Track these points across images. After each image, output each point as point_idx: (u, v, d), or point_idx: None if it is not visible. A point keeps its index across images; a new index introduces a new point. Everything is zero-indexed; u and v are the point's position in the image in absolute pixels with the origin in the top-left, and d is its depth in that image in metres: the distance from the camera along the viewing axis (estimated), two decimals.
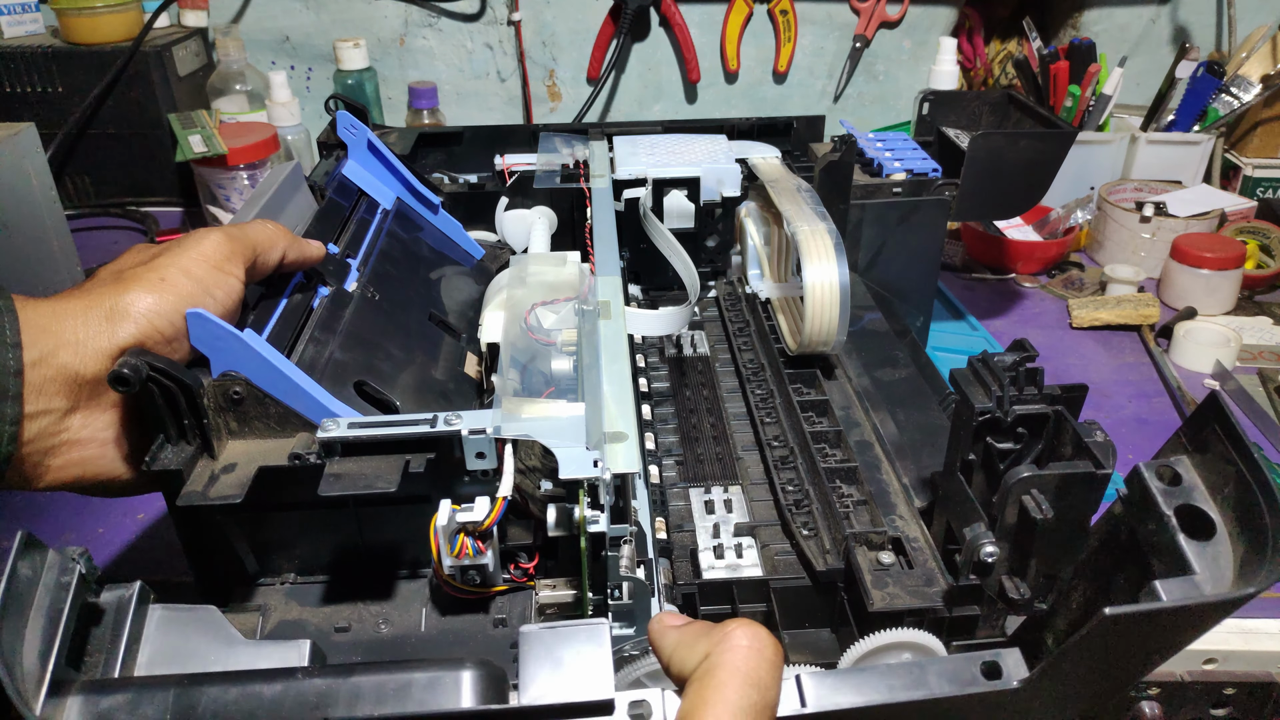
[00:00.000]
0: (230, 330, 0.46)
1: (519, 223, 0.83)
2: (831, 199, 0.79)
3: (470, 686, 0.33)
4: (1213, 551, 0.36)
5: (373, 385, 0.54)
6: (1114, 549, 0.41)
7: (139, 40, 1.21)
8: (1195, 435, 0.39)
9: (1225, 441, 0.37)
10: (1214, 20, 1.34)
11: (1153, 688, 0.61)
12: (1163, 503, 0.38)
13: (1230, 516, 0.36)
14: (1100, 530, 0.43)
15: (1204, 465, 0.38)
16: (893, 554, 0.50)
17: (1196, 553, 0.36)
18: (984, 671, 0.34)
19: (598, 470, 0.43)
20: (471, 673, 0.33)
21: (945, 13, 1.36)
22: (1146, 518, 0.38)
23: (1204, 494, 0.38)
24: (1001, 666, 0.34)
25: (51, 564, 0.34)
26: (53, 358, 0.42)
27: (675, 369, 0.74)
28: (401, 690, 0.33)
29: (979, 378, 0.45)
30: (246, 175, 1.12)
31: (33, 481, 0.44)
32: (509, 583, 0.49)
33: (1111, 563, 0.42)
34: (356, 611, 0.49)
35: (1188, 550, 0.36)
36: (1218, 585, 0.35)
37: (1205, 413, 0.38)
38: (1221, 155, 1.22)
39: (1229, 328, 0.96)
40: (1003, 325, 1.03)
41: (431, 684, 0.33)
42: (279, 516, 0.48)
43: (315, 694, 0.33)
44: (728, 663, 0.33)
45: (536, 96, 1.42)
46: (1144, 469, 0.39)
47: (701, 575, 0.53)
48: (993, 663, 0.34)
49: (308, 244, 0.55)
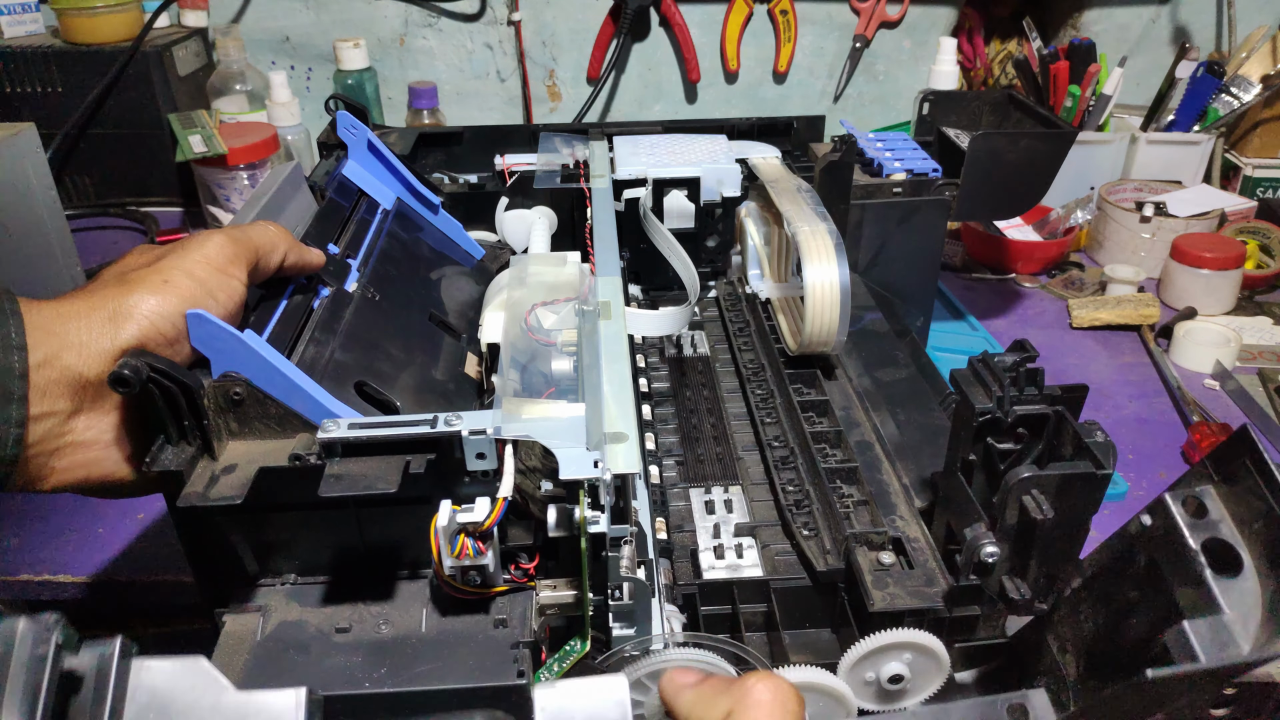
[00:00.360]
0: (230, 331, 0.46)
1: (519, 223, 0.83)
2: (831, 199, 0.79)
3: None
4: (1240, 589, 0.35)
5: (373, 386, 0.54)
6: (1130, 573, 0.41)
7: (139, 40, 1.21)
8: (1223, 466, 0.38)
9: (1256, 475, 0.36)
10: (1214, 20, 1.34)
11: None
12: (1189, 536, 0.37)
13: (1259, 552, 0.35)
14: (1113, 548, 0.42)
15: (1232, 498, 0.37)
16: (893, 554, 0.50)
17: (1224, 590, 0.35)
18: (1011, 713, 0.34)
19: (598, 471, 0.43)
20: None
21: (945, 13, 1.36)
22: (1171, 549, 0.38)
23: (1232, 528, 0.37)
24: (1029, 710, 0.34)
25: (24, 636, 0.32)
26: (57, 360, 0.42)
27: (675, 369, 0.74)
28: None
29: (980, 378, 0.45)
30: (246, 175, 1.12)
31: (37, 483, 0.44)
32: (509, 583, 0.49)
33: (1127, 586, 0.41)
34: (357, 612, 0.49)
35: (1215, 587, 0.35)
36: (1247, 625, 0.34)
37: (1237, 444, 0.37)
38: (1221, 155, 1.22)
39: (1229, 328, 0.96)
40: (1003, 325, 1.03)
41: None
42: (279, 517, 0.48)
43: None
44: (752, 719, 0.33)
45: (536, 96, 1.42)
46: (1170, 499, 0.38)
47: (702, 575, 0.53)
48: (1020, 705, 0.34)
49: (308, 250, 0.55)
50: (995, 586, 0.45)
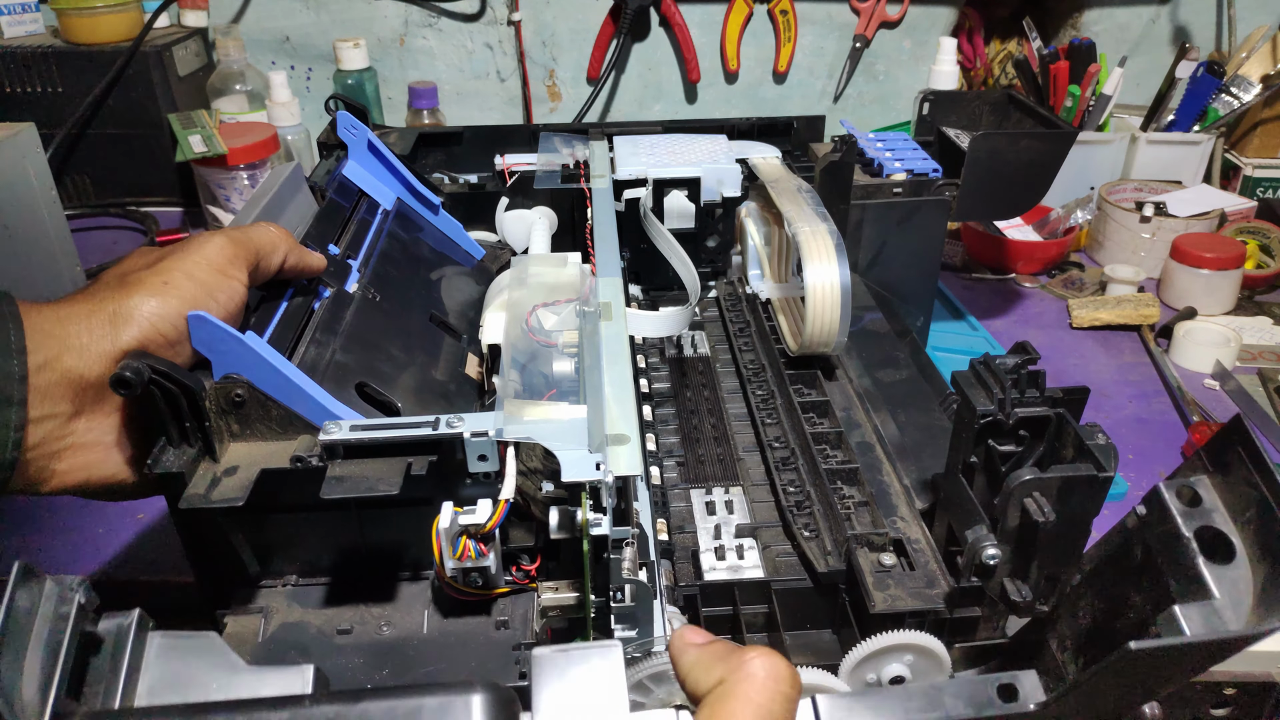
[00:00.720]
0: (231, 333, 0.46)
1: (519, 223, 0.83)
2: (832, 199, 0.79)
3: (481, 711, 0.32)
4: (1232, 576, 0.35)
5: (374, 387, 0.54)
6: (1127, 565, 0.41)
7: (139, 40, 1.21)
8: (1217, 456, 0.38)
9: (1249, 465, 0.36)
10: (1214, 20, 1.34)
11: None
12: (1182, 524, 0.37)
13: (1251, 540, 0.36)
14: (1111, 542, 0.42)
15: (1225, 487, 0.38)
16: (894, 555, 0.50)
17: (1216, 577, 0.35)
18: (1000, 694, 0.34)
19: (600, 473, 0.43)
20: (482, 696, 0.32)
21: (945, 13, 1.36)
22: (1165, 539, 0.38)
23: (1225, 516, 0.37)
24: (1018, 689, 0.34)
25: (49, 594, 0.34)
26: (57, 362, 0.42)
27: (676, 370, 0.74)
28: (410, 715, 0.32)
29: (981, 380, 0.45)
30: (246, 175, 1.12)
31: (38, 486, 0.44)
32: (511, 585, 0.49)
33: (1125, 579, 0.41)
34: (358, 613, 0.49)
35: (1207, 574, 0.35)
36: (1238, 610, 0.34)
37: (1229, 434, 0.37)
38: (1221, 155, 1.22)
39: (1229, 328, 0.96)
40: (1003, 325, 1.03)
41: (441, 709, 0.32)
42: (281, 519, 0.48)
43: None
44: (741, 693, 0.32)
45: (536, 96, 1.42)
46: (1164, 489, 0.39)
47: (703, 577, 0.53)
48: (1009, 685, 0.34)
49: (310, 253, 0.55)
50: (996, 588, 0.45)
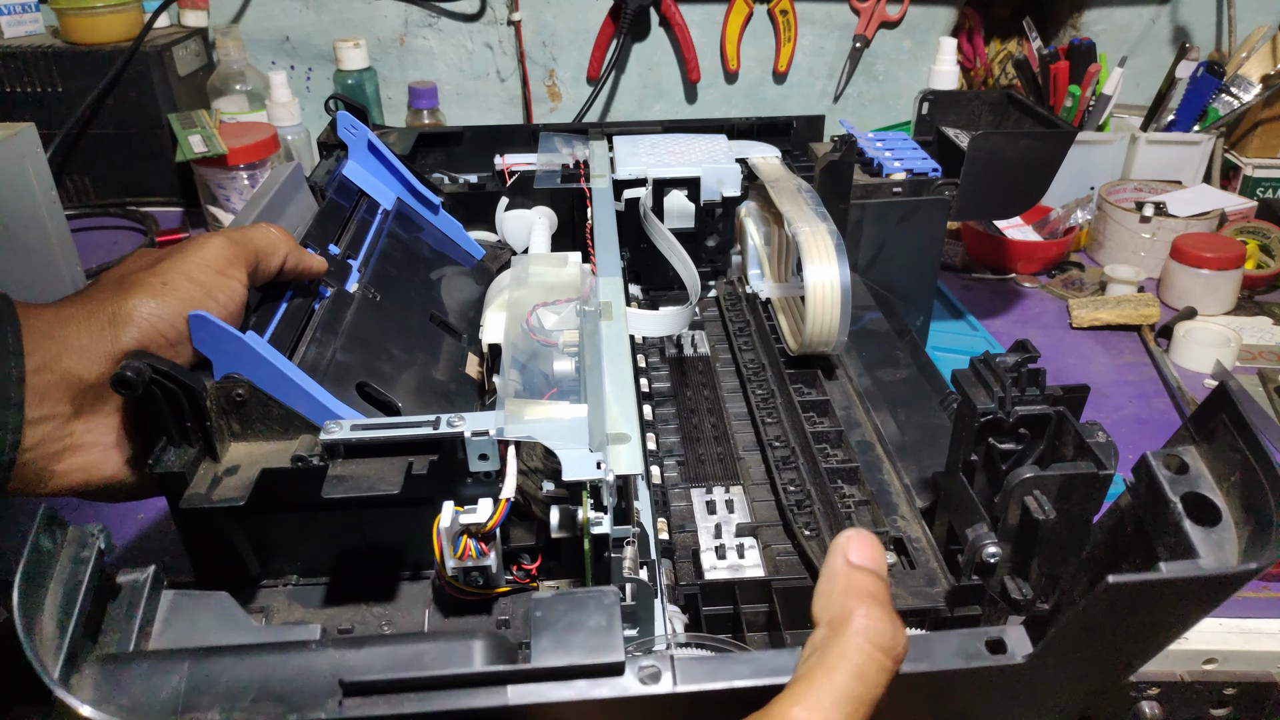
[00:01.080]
0: (232, 332, 0.46)
1: (519, 223, 0.83)
2: (831, 199, 0.79)
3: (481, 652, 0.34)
4: (1218, 537, 0.36)
5: (374, 386, 0.54)
6: (1119, 542, 0.41)
7: (139, 40, 1.21)
8: (1203, 425, 0.39)
9: (1233, 430, 0.37)
10: (1214, 20, 1.34)
11: (1153, 688, 0.61)
12: (1169, 490, 0.38)
13: (1236, 503, 0.36)
14: (1105, 525, 0.43)
15: (1211, 454, 0.38)
16: (895, 554, 0.50)
17: (1202, 538, 0.36)
18: (989, 646, 0.34)
19: (600, 472, 0.43)
20: (482, 641, 0.34)
21: (945, 13, 1.36)
22: (1153, 506, 0.38)
23: (1210, 482, 0.38)
24: (1006, 642, 0.34)
25: (72, 539, 0.35)
26: (56, 363, 0.42)
27: (676, 369, 0.74)
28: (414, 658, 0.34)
29: (981, 378, 0.45)
30: (246, 175, 1.12)
31: (37, 487, 0.44)
32: (512, 584, 0.49)
33: (1117, 555, 0.42)
34: (359, 613, 0.49)
35: (1193, 536, 0.36)
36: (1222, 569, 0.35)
37: (1214, 402, 0.38)
38: (1221, 155, 1.22)
39: (1229, 328, 0.96)
40: (1003, 325, 1.03)
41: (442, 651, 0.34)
42: (282, 518, 0.48)
43: (329, 663, 0.33)
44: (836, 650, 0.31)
45: (536, 96, 1.42)
46: (1151, 458, 0.39)
47: (704, 576, 0.53)
48: (998, 639, 0.34)
49: (310, 255, 0.55)
50: (997, 587, 0.45)
